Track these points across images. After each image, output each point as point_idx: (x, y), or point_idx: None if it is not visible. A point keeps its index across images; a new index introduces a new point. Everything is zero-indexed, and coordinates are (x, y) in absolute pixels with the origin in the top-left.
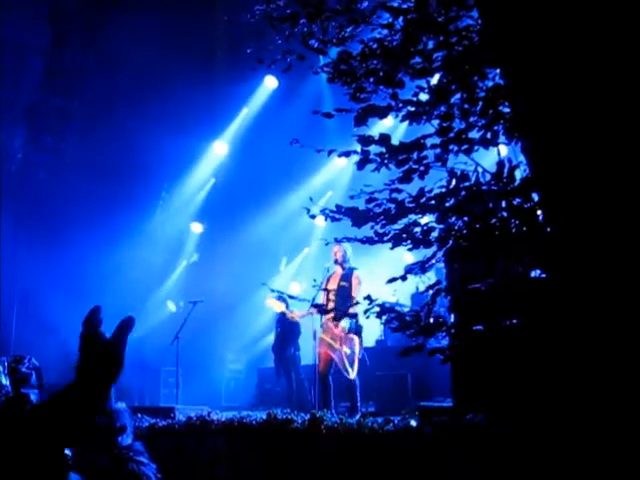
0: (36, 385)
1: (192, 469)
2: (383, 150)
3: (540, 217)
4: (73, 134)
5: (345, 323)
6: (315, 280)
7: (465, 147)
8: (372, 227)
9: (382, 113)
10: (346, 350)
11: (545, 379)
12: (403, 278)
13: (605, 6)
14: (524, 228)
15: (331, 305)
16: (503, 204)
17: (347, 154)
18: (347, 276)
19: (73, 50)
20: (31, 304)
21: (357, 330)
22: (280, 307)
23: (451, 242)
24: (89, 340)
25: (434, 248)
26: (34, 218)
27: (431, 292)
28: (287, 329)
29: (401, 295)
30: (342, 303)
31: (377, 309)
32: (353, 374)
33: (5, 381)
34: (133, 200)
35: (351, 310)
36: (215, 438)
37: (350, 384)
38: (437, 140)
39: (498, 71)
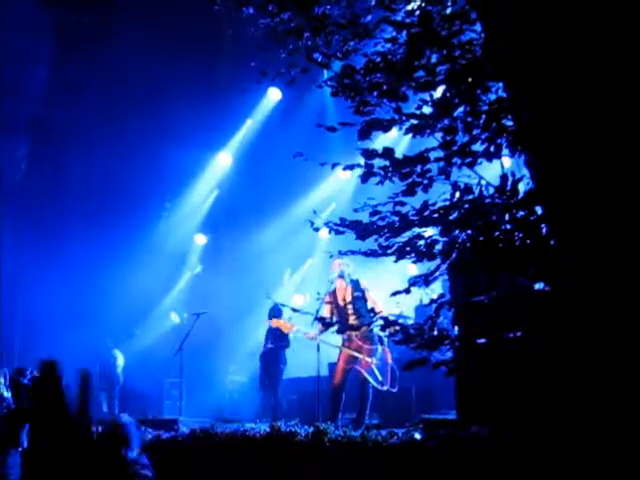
0: None
1: None
2: (387, 163)
3: (544, 230)
4: (76, 145)
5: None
6: (319, 293)
7: (468, 160)
8: (376, 240)
9: (386, 126)
10: (374, 361)
11: (548, 390)
12: (407, 291)
13: (611, 23)
14: (528, 241)
15: (352, 318)
16: (507, 217)
17: (351, 167)
18: (356, 285)
19: (76, 62)
20: (35, 316)
21: (381, 340)
22: (290, 328)
23: (455, 255)
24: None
25: (438, 261)
26: (37, 228)
27: (435, 305)
28: (279, 343)
29: (405, 307)
30: (363, 312)
31: (381, 322)
32: (385, 387)
33: (7, 393)
34: (136, 211)
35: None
36: (219, 450)
37: (364, 396)
38: (441, 153)
39: (501, 84)
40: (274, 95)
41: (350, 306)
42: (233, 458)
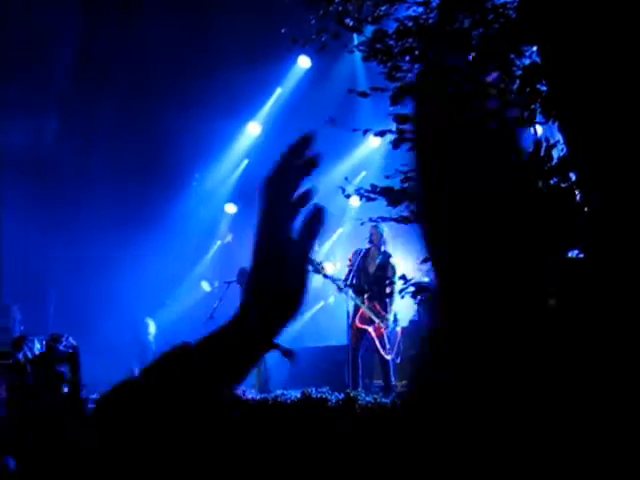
0: None
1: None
2: None
3: (578, 197)
4: (105, 118)
5: (391, 316)
6: (350, 260)
7: None
8: (407, 206)
9: None
10: (385, 329)
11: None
12: None
13: None
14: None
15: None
16: (540, 183)
17: (382, 133)
18: (383, 265)
19: (105, 35)
20: (66, 286)
21: (395, 318)
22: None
23: None
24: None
25: None
26: (67, 202)
27: None
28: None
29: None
30: (377, 291)
31: (412, 289)
32: (389, 356)
33: None
34: (166, 181)
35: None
36: (249, 417)
37: (384, 363)
38: None
39: (535, 48)
40: (304, 63)
41: (371, 273)
42: (264, 424)
